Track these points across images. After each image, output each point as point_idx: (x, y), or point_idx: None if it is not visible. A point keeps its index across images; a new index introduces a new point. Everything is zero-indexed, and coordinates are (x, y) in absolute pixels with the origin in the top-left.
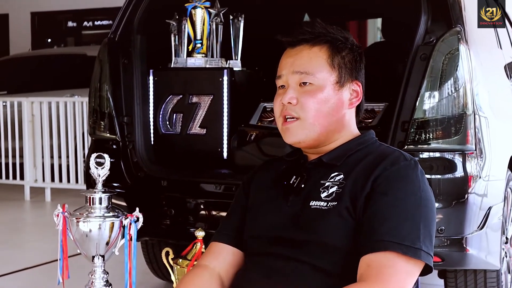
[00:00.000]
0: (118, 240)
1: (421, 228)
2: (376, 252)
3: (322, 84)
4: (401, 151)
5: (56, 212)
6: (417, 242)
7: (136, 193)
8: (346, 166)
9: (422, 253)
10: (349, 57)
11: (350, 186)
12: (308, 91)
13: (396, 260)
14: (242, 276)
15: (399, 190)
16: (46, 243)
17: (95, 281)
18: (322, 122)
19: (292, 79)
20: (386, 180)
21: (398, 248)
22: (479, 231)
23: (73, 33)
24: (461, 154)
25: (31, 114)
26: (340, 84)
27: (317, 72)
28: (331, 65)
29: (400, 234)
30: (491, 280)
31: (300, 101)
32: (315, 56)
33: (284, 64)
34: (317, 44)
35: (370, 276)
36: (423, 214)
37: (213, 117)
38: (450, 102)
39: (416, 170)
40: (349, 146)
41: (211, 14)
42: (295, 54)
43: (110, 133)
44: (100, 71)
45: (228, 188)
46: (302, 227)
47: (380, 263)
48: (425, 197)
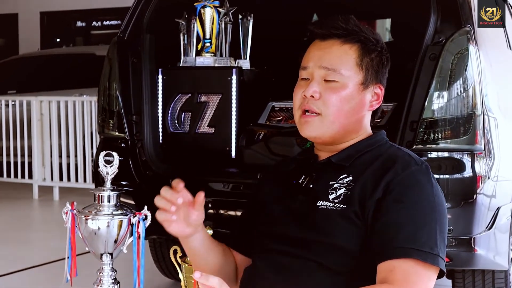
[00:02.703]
0: (127, 238)
1: (437, 234)
2: (397, 259)
3: (347, 82)
4: (411, 153)
5: (65, 209)
6: (435, 248)
7: (144, 192)
8: (355, 168)
9: (440, 259)
10: (377, 59)
11: (359, 189)
12: (332, 87)
13: (418, 267)
14: (251, 271)
15: (413, 196)
16: (54, 242)
17: (103, 278)
18: (341, 121)
19: (318, 73)
20: (398, 186)
21: (418, 255)
22: (487, 231)
23: (82, 33)
24: (470, 154)
25: (40, 113)
26: (365, 85)
27: (344, 70)
28: (359, 65)
29: (420, 241)
30: (499, 281)
31: (323, 96)
32: (345, 54)
33: (312, 57)
34: (349, 42)
35: (396, 281)
36: (438, 219)
37: (221, 116)
38: (459, 102)
39: (428, 175)
40: (358, 147)
41: (220, 13)
42: (324, 48)
43: (119, 131)
44: (109, 70)
45: (236, 187)
46: (309, 227)
47: (403, 269)
48: (438, 202)
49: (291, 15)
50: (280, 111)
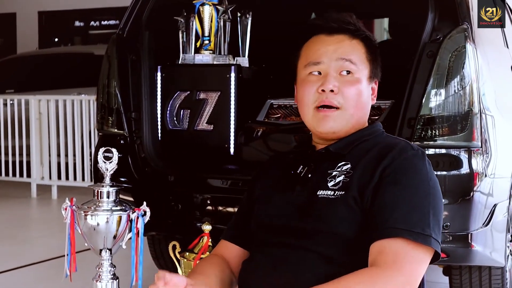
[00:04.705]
0: (126, 233)
1: (430, 216)
2: (387, 239)
3: (360, 76)
4: (408, 141)
5: (64, 205)
6: (427, 229)
7: (143, 188)
8: (353, 156)
9: (432, 240)
10: (377, 56)
11: (358, 176)
12: (350, 81)
13: (408, 247)
14: (249, 265)
15: (408, 180)
16: (53, 239)
17: (102, 274)
18: (358, 114)
19: (334, 67)
20: (394, 170)
21: (408, 234)
22: (484, 227)
23: (80, 33)
24: (467, 151)
25: (38, 112)
26: (371, 79)
27: (358, 63)
28: (368, 60)
29: (411, 222)
30: (496, 278)
31: (341, 90)
32: (356, 48)
33: (324, 52)
34: (357, 37)
35: (384, 262)
36: (432, 203)
37: (220, 113)
38: (456, 99)
39: (424, 160)
40: (356, 137)
41: (219, 11)
42: (336, 42)
43: (118, 128)
44: (108, 67)
45: (234, 184)
46: (309, 216)
47: (393, 250)
48: (433, 186)
49: (290, 14)
50: (279, 109)
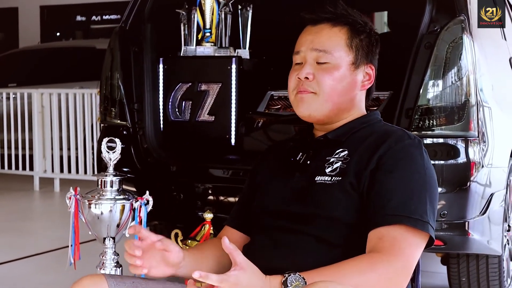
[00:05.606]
0: (129, 222)
1: (427, 203)
2: (387, 226)
3: (339, 63)
4: (404, 130)
5: (69, 194)
6: (425, 216)
7: (146, 178)
8: (350, 143)
9: (429, 226)
10: (366, 40)
11: (355, 162)
12: (325, 68)
13: (407, 233)
14: (250, 248)
15: (405, 168)
16: (56, 231)
17: (106, 262)
18: (335, 100)
19: (310, 56)
20: (391, 158)
21: (407, 221)
22: (481, 216)
23: (81, 27)
24: (464, 140)
25: (40, 105)
26: (356, 65)
27: (335, 51)
28: (349, 46)
29: (410, 208)
30: (493, 266)
31: (316, 77)
32: (335, 36)
33: (304, 41)
34: (338, 25)
35: (383, 248)
36: (428, 190)
37: (221, 105)
38: (454, 90)
39: (420, 149)
40: (354, 124)
41: (220, 4)
42: (315, 32)
43: (120, 119)
44: (111, 60)
45: (235, 173)
46: (307, 201)
47: (391, 236)
48: (429, 174)
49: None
50: (279, 100)
